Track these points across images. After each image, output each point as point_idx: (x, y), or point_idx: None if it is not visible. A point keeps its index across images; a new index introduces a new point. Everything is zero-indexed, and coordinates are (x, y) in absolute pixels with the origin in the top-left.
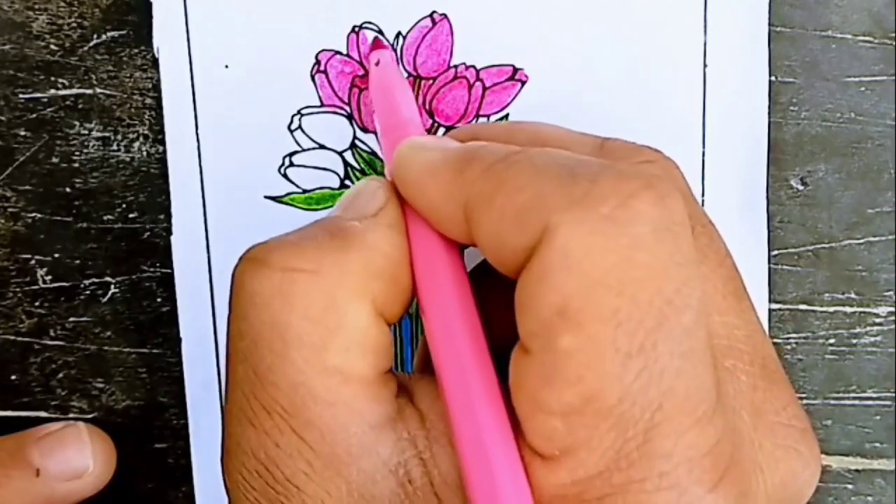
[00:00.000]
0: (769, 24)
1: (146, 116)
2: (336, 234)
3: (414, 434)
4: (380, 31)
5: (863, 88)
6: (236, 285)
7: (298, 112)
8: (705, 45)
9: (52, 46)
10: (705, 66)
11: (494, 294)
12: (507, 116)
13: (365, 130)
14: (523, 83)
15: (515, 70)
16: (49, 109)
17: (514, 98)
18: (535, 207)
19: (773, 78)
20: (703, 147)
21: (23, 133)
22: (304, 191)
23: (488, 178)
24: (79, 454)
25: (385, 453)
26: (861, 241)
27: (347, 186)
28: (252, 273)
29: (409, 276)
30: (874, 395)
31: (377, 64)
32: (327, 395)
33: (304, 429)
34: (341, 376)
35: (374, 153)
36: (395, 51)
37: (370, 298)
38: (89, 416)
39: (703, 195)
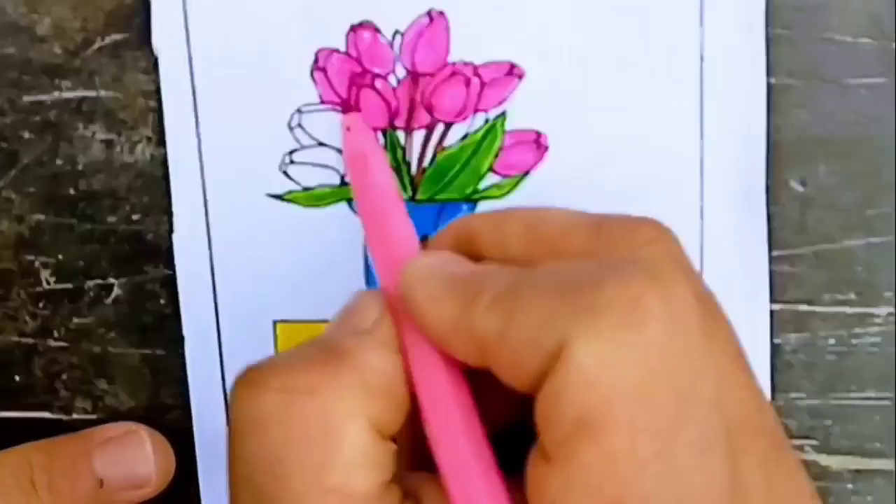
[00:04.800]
0: (769, 27)
1: (149, 119)
2: (330, 352)
3: None
4: (377, 29)
5: (863, 90)
6: (233, 409)
7: (298, 110)
8: (702, 38)
9: (56, 49)
10: (702, 59)
11: (491, 382)
12: (505, 112)
13: None
14: (521, 78)
15: (513, 65)
16: (53, 112)
17: (512, 93)
18: (545, 327)
19: (773, 80)
20: (702, 139)
21: (27, 135)
22: (305, 188)
23: (496, 311)
24: (142, 464)
25: None
26: (861, 242)
27: (348, 183)
28: (247, 396)
29: (405, 390)
30: (874, 396)
31: (348, 129)
32: None
33: None
34: (342, 496)
35: None
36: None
37: (367, 416)
38: (93, 417)
39: (701, 188)
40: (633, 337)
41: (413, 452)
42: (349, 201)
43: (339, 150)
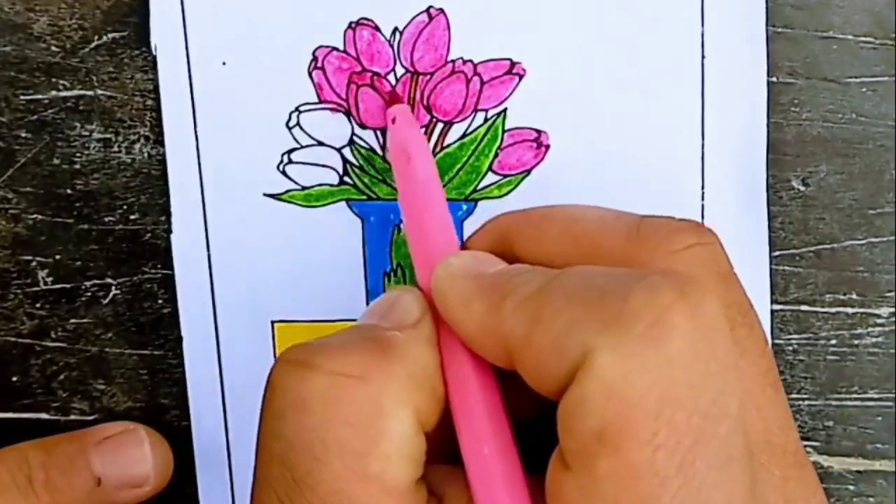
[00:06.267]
0: (770, 25)
1: (147, 118)
2: (379, 342)
3: None
4: (376, 28)
5: (864, 89)
6: (276, 385)
7: (296, 109)
8: (703, 36)
9: (53, 48)
10: (703, 57)
11: (522, 382)
12: (505, 111)
13: (363, 127)
14: (521, 77)
15: (513, 64)
16: (50, 111)
17: (511, 92)
18: (570, 335)
19: (774, 78)
20: (703, 139)
21: (24, 135)
22: (303, 188)
23: (523, 313)
24: (140, 463)
25: None
26: (862, 241)
27: (346, 183)
28: (295, 375)
29: (443, 387)
30: (876, 396)
31: (393, 121)
32: (366, 503)
33: None
34: (381, 484)
35: (372, 150)
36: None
37: (413, 408)
38: (90, 417)
39: (702, 187)
40: (657, 351)
41: (438, 448)
42: (348, 201)
43: (337, 150)
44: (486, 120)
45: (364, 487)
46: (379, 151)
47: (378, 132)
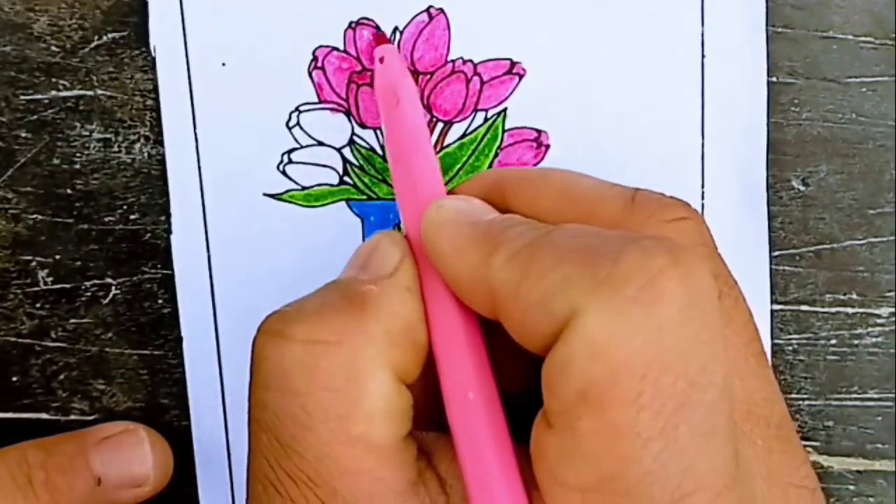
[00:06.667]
0: (770, 25)
1: (147, 118)
2: (354, 300)
3: (434, 499)
4: (377, 27)
5: (864, 89)
6: (257, 357)
7: (296, 109)
8: (703, 36)
9: (53, 48)
10: (703, 57)
11: (507, 339)
12: (505, 110)
13: (363, 126)
14: (521, 76)
15: (513, 63)
16: (50, 111)
17: (511, 92)
18: (559, 292)
19: (774, 78)
20: (703, 138)
21: (24, 134)
22: (303, 188)
23: (514, 265)
24: (140, 462)
25: None
26: (862, 241)
27: (346, 183)
28: (273, 345)
29: (425, 335)
30: (875, 396)
31: (381, 61)
32: (352, 465)
33: (330, 498)
34: (365, 445)
35: (372, 149)
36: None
37: (391, 365)
38: (90, 417)
39: (702, 187)
40: (647, 314)
41: (426, 410)
42: (348, 201)
43: (337, 150)
44: (486, 120)
45: (349, 450)
46: (379, 151)
47: (378, 132)
